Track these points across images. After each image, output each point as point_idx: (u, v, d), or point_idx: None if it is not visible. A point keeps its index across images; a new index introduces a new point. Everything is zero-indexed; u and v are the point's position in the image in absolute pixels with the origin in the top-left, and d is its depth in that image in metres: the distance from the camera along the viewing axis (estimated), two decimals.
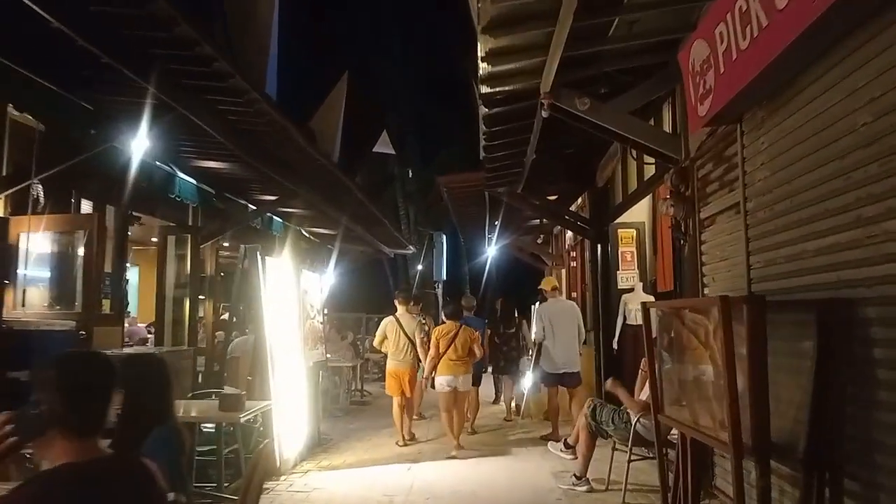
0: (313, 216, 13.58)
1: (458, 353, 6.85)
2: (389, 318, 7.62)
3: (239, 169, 9.00)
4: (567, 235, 13.12)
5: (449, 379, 6.81)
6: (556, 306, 7.93)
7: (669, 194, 5.36)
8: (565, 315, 7.77)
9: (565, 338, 7.60)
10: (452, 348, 6.82)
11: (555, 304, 7.97)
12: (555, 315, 7.71)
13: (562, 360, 7.57)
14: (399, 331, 7.36)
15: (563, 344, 7.58)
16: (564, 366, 7.58)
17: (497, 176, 8.40)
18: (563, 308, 7.95)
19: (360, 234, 15.08)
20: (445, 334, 6.93)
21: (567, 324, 7.66)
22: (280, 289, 6.22)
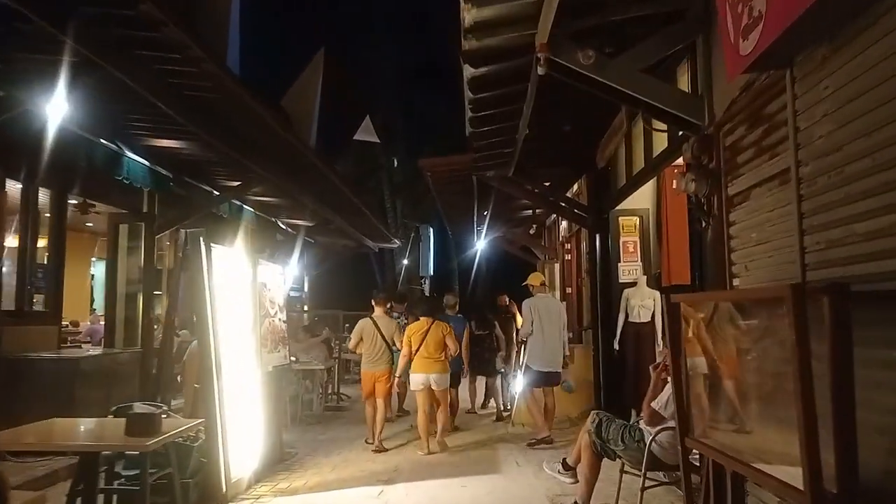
0: (289, 206, 12.68)
1: (429, 350, 6.64)
2: (366, 319, 7.27)
3: (198, 149, 8.09)
4: (561, 226, 12.27)
5: (423, 377, 6.62)
6: (544, 302, 7.41)
7: (689, 168, 4.50)
8: (553, 312, 7.36)
9: (553, 335, 7.26)
10: (424, 345, 6.62)
11: (543, 300, 7.44)
12: (543, 311, 7.28)
13: (549, 357, 7.23)
14: (376, 333, 7.05)
15: (552, 341, 7.23)
16: (551, 364, 7.24)
17: (486, 157, 7.52)
18: (550, 304, 7.47)
19: (341, 225, 14.17)
20: (417, 331, 6.72)
21: (554, 321, 7.30)
22: (230, 282, 5.31)
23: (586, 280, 9.63)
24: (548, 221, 14.66)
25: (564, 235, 11.91)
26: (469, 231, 15.68)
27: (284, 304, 6.41)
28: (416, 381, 6.69)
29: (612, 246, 8.01)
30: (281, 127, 8.24)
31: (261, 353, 5.64)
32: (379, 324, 7.10)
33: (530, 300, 7.41)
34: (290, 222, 14.38)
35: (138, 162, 7.80)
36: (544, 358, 7.20)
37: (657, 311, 7.61)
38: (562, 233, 12.25)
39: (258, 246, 12.94)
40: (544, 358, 7.20)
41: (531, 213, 13.01)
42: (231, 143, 7.80)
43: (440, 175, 8.91)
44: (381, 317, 7.23)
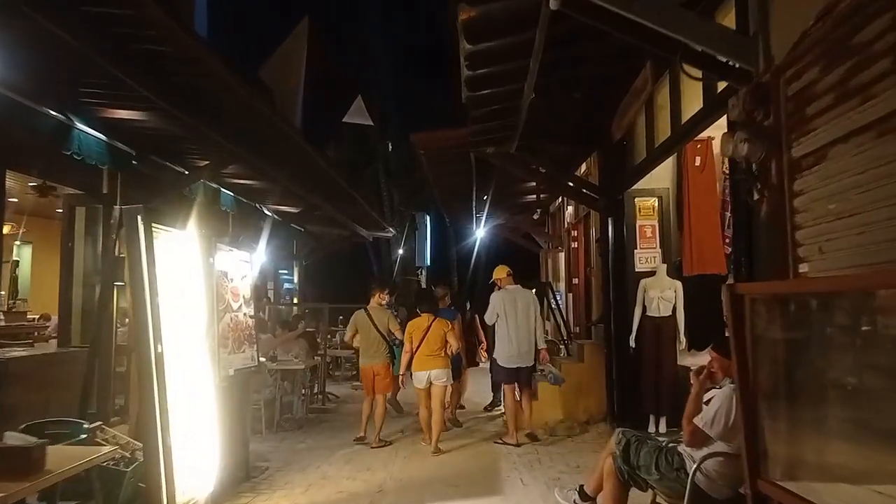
0: (274, 191, 11.80)
1: (430, 346, 6.49)
2: (360, 311, 7.14)
3: (164, 122, 7.20)
4: (567, 212, 11.40)
5: (423, 374, 6.47)
6: (511, 294, 7.01)
7: (736, 128, 3.63)
8: (521, 303, 6.95)
9: (521, 328, 6.87)
10: (425, 342, 6.48)
11: (510, 292, 7.03)
12: (509, 303, 6.92)
13: (516, 352, 6.84)
14: (370, 325, 6.93)
15: (519, 335, 6.85)
16: (519, 359, 6.84)
17: (485, 130, 6.66)
18: (517, 296, 7.00)
19: (331, 213, 13.29)
20: (418, 328, 6.57)
21: (522, 313, 6.90)
22: (180, 270, 4.45)
23: (596, 269, 8.77)
24: (552, 208, 13.78)
25: (570, 222, 11.03)
26: (468, 219, 14.81)
27: (252, 297, 5.55)
28: (417, 379, 6.55)
29: (627, 231, 7.14)
30: (257, 98, 7.41)
31: (219, 354, 4.78)
32: (373, 315, 6.95)
33: (497, 293, 7.04)
34: (277, 209, 13.51)
35: (93, 136, 6.92)
36: (510, 352, 6.83)
37: (679, 303, 6.76)
38: (567, 219, 11.38)
39: (240, 232, 12.12)
40: (510, 352, 6.83)
41: (535, 199, 12.13)
42: (200, 115, 6.95)
43: (435, 152, 8.04)
44: (375, 308, 7.08)
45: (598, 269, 8.58)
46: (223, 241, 5.19)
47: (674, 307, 6.77)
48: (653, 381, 6.72)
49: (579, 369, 7.71)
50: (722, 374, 3.46)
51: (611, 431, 7.16)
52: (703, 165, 7.14)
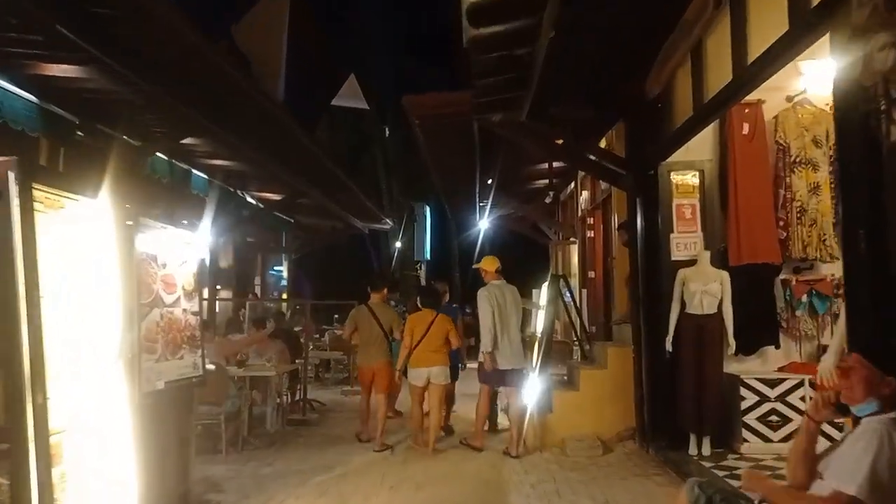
0: (254, 174, 10.65)
1: (432, 343, 6.21)
2: (361, 306, 6.83)
3: (107, 80, 6.05)
4: (581, 198, 10.23)
5: (422, 371, 6.22)
6: (501, 290, 6.33)
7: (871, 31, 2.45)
8: (510, 300, 6.35)
9: (513, 327, 6.31)
10: (426, 339, 6.20)
11: (499, 288, 6.33)
12: (501, 299, 6.27)
13: (510, 353, 6.23)
14: (372, 322, 6.62)
15: (510, 333, 6.26)
16: (513, 360, 6.25)
17: (491, 87, 5.53)
18: (507, 292, 6.37)
19: (320, 201, 12.13)
20: (419, 323, 6.30)
21: (512, 311, 6.33)
22: (81, 251, 3.30)
23: (620, 260, 7.61)
24: (563, 195, 12.62)
25: (585, 208, 9.87)
26: (470, 209, 13.65)
27: (196, 288, 4.38)
28: (415, 376, 6.29)
29: (662, 212, 5.97)
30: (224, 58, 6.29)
31: (140, 362, 3.62)
32: (376, 312, 6.65)
33: (485, 288, 6.32)
34: (260, 196, 12.35)
35: (20, 97, 5.82)
36: (504, 354, 6.19)
37: (726, 298, 5.60)
38: (582, 205, 10.21)
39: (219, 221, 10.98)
40: (504, 354, 6.19)
41: (546, 183, 10.95)
42: (160, 80, 5.85)
43: (432, 121, 6.87)
44: (378, 304, 6.78)
45: (623, 259, 7.42)
46: (153, 216, 4.02)
47: (719, 303, 5.60)
48: (694, 393, 5.56)
49: (602, 377, 6.55)
50: (863, 393, 2.24)
51: (640, 452, 6.02)
52: (752, 133, 5.99)
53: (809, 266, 6.03)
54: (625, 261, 7.46)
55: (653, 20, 4.81)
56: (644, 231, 6.09)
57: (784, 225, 5.91)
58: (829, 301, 5.94)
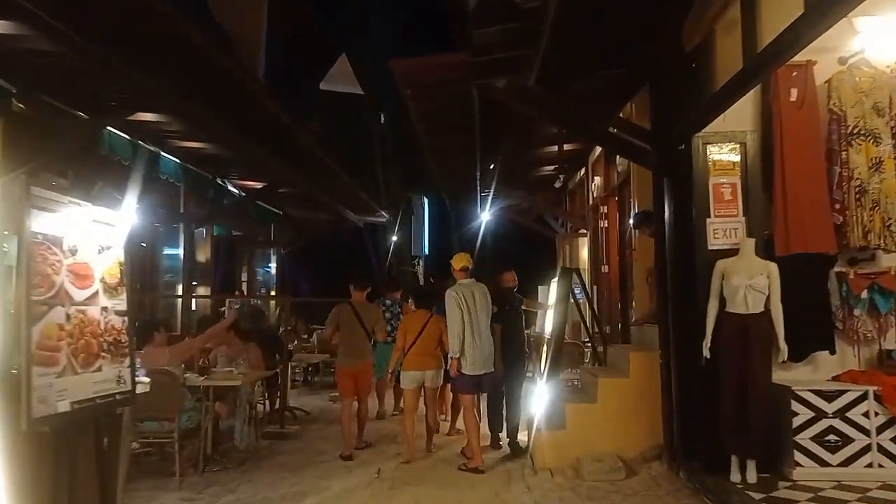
0: (232, 158, 9.78)
1: (426, 345, 6.01)
2: (343, 304, 6.54)
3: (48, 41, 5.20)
4: (593, 185, 9.36)
5: (416, 375, 6.03)
6: (470, 289, 5.90)
7: None
8: (481, 301, 5.92)
9: (483, 328, 5.88)
10: (420, 340, 6.00)
11: (468, 287, 5.90)
12: (470, 299, 5.83)
13: (481, 357, 5.82)
14: (355, 321, 6.40)
15: (482, 336, 5.84)
16: (484, 364, 5.84)
17: (493, 43, 4.65)
18: (476, 291, 5.93)
19: (306, 189, 11.26)
20: (413, 324, 6.13)
21: (483, 313, 5.90)
22: None
23: (642, 251, 6.74)
24: (571, 184, 11.75)
25: (598, 195, 8.99)
26: (471, 199, 12.76)
27: (121, 282, 3.50)
28: (408, 379, 6.07)
29: (697, 193, 5.09)
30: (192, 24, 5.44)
31: (30, 377, 2.76)
32: (359, 310, 6.42)
33: (453, 288, 5.92)
34: (244, 185, 11.48)
35: None
36: (475, 358, 5.76)
37: (774, 294, 4.72)
38: (594, 193, 9.33)
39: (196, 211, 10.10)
40: (475, 358, 5.76)
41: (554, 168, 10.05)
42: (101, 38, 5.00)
43: (425, 91, 5.98)
44: (361, 303, 6.58)
45: (645, 250, 6.56)
46: (55, 187, 3.15)
47: (766, 300, 4.73)
48: (736, 407, 4.69)
49: (623, 387, 5.68)
50: None
51: (670, 476, 5.15)
52: (802, 100, 5.12)
53: (870, 256, 5.14)
54: (647, 252, 6.60)
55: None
56: (674, 216, 5.22)
57: (840, 208, 5.03)
58: (893, 298, 5.06)
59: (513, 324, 6.47)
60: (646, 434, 5.47)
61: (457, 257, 6.12)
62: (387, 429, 7.37)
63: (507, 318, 6.34)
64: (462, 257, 6.09)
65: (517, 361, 6.43)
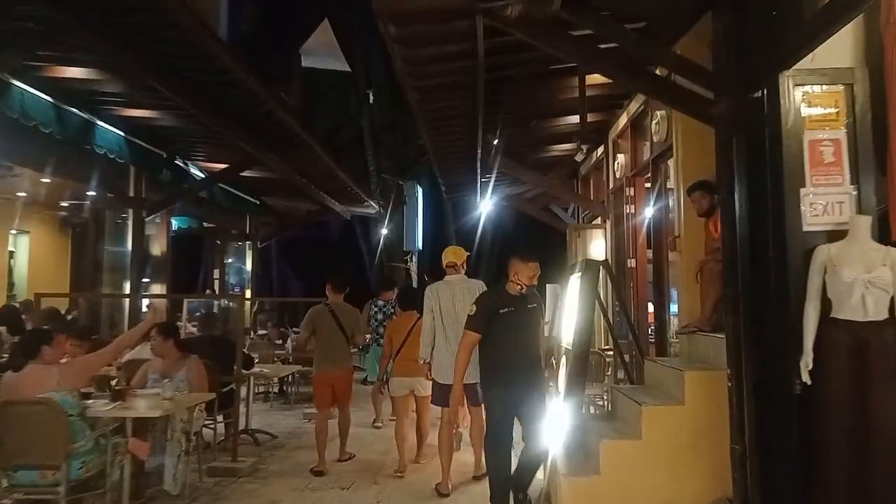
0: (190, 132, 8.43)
1: (414, 349, 5.55)
2: (320, 306, 6.16)
3: None
4: (616, 163, 8.03)
5: (405, 381, 5.79)
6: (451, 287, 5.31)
7: None
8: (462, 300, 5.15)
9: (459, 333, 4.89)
10: (408, 345, 5.74)
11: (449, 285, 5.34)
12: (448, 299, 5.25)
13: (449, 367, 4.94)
14: (333, 325, 5.97)
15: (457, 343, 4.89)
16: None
17: None
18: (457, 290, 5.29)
19: (283, 173, 9.91)
20: (400, 328, 5.96)
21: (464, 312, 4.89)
22: None
23: (689, 239, 5.39)
24: (584, 168, 10.41)
25: (624, 175, 7.63)
26: (470, 185, 11.40)
27: None
28: (397, 386, 5.89)
29: (787, 153, 3.73)
30: None
31: None
32: (337, 313, 6.08)
33: (431, 285, 5.52)
34: (210, 167, 10.10)
35: None
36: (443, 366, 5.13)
37: None
38: (617, 173, 7.97)
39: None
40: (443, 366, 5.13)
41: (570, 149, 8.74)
42: None
43: (415, 26, 4.59)
44: (339, 304, 6.22)
45: (695, 236, 5.24)
46: None
47: (892, 301, 3.39)
48: (849, 456, 3.35)
49: (677, 417, 4.32)
50: None
51: None
52: None
53: None
54: (696, 239, 5.29)
55: None
56: (748, 187, 3.86)
57: None
58: None
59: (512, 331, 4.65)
60: (708, 482, 4.13)
61: (445, 251, 5.60)
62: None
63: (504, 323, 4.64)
64: (448, 252, 5.55)
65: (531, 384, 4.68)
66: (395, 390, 5.89)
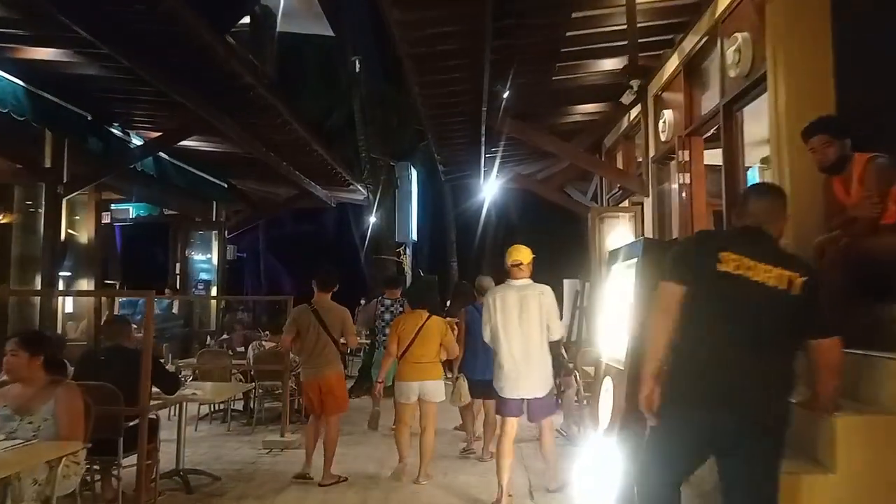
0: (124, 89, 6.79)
1: (422, 351, 5.44)
2: (303, 306, 5.80)
3: None
4: (662, 123, 6.33)
5: (411, 386, 5.44)
6: (515, 291, 4.72)
7: None
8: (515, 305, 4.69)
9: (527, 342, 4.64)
10: (415, 345, 5.46)
11: (513, 289, 4.73)
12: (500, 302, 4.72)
13: (522, 377, 4.63)
14: (316, 325, 5.63)
15: (525, 352, 4.64)
16: (526, 386, 4.63)
17: None
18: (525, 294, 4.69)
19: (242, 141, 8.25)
20: (406, 326, 5.56)
21: (526, 318, 4.66)
22: None
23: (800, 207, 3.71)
24: (608, 140, 8.76)
25: (677, 135, 5.91)
26: (473, 162, 9.73)
27: None
28: (402, 392, 5.50)
29: None
30: None
31: None
32: (321, 313, 5.62)
33: (493, 289, 4.98)
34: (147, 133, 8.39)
35: None
36: (509, 375, 4.64)
37: None
38: (665, 134, 6.25)
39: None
40: (509, 375, 4.64)
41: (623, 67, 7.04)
42: None
43: None
44: (324, 303, 5.72)
45: (816, 201, 3.59)
46: None
47: None
48: None
49: (820, 495, 2.62)
50: None
51: None
52: None
53: None
54: (809, 209, 3.63)
55: None
56: None
57: None
58: None
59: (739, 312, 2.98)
60: None
61: (509, 249, 5.08)
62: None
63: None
64: (514, 250, 4.97)
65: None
66: (400, 396, 5.53)
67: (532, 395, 4.68)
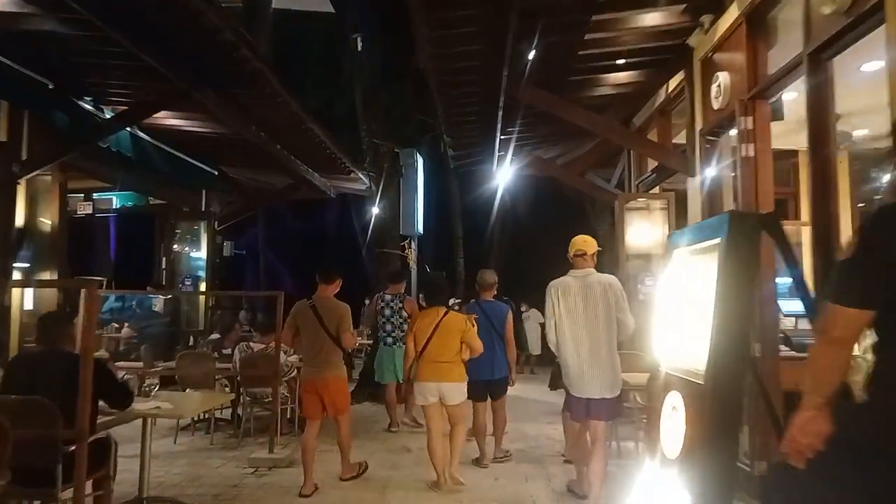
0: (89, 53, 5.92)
1: (440, 351, 5.26)
2: (302, 302, 5.55)
3: None
4: (717, 85, 5.41)
5: (430, 387, 5.28)
6: (579, 282, 4.52)
7: None
8: (580, 295, 4.49)
9: (593, 338, 4.42)
10: (432, 344, 5.28)
11: (577, 279, 4.54)
12: (564, 294, 4.54)
13: (588, 375, 4.40)
14: (315, 323, 5.41)
15: (591, 349, 4.41)
16: (594, 386, 4.41)
17: None
18: (590, 284, 4.48)
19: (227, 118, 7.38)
20: (424, 324, 5.40)
21: (592, 312, 4.43)
22: None
23: None
24: (638, 119, 7.88)
25: (737, 99, 5.02)
26: (486, 145, 8.86)
27: None
28: (422, 393, 5.35)
29: None
30: None
31: None
32: (319, 309, 5.44)
33: (555, 281, 4.67)
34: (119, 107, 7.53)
35: None
36: (575, 375, 4.46)
37: None
38: (719, 100, 5.34)
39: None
40: (575, 375, 4.46)
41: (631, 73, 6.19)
42: None
43: None
44: (323, 300, 5.52)
45: None
46: None
47: None
48: None
49: None
50: None
51: None
52: None
53: None
54: None
55: None
56: None
57: None
58: None
59: None
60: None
61: (573, 240, 4.90)
62: None
63: None
64: (578, 240, 4.81)
65: None
66: (419, 397, 5.41)
67: (600, 396, 4.43)
